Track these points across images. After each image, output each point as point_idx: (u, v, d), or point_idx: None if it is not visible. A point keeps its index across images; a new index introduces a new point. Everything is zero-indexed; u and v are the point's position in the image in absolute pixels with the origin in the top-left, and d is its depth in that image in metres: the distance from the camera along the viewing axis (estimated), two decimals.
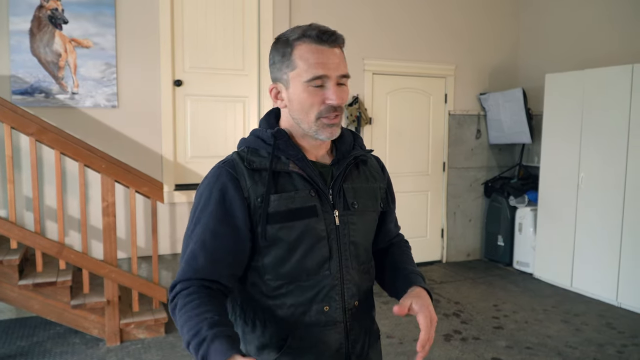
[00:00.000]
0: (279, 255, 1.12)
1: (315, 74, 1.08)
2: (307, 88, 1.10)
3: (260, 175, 1.11)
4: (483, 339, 3.47)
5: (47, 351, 3.23)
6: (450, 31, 5.22)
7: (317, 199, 1.14)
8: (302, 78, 1.10)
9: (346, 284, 1.17)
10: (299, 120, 1.13)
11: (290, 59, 1.11)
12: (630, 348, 3.34)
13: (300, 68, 1.10)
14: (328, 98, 1.10)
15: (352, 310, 1.18)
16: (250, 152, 1.15)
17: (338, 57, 1.11)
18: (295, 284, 1.13)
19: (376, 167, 1.31)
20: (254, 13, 4.39)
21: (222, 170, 1.12)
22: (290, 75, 1.11)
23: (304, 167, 1.13)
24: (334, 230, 1.15)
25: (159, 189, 3.45)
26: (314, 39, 1.09)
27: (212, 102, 4.33)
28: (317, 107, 1.10)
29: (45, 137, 3.16)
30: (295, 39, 1.11)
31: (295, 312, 1.13)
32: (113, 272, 3.30)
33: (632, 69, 3.96)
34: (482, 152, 5.50)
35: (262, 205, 1.10)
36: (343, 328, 1.16)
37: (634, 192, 3.97)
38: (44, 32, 3.73)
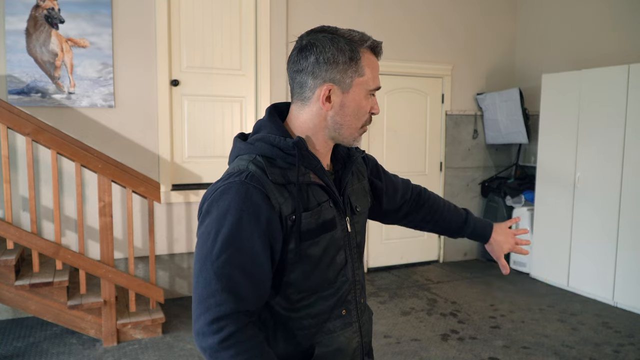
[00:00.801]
0: (306, 270, 1.09)
1: (378, 85, 1.13)
2: (367, 96, 1.11)
3: (285, 189, 1.05)
4: (480, 338, 3.48)
5: (44, 352, 3.22)
6: (447, 31, 5.23)
7: (334, 209, 1.14)
8: (367, 86, 1.10)
9: (357, 285, 1.20)
10: (343, 126, 1.10)
11: (359, 64, 1.08)
12: (627, 347, 3.35)
13: (367, 76, 1.10)
14: (374, 108, 1.14)
15: (361, 307, 1.22)
16: (267, 162, 1.06)
17: None
18: (316, 295, 1.12)
19: (360, 162, 1.33)
20: (251, 13, 4.39)
21: (249, 188, 1.00)
22: (357, 80, 1.09)
23: (322, 177, 1.11)
24: (347, 236, 1.17)
25: (156, 189, 3.44)
26: (372, 50, 1.12)
27: (209, 102, 4.33)
28: (365, 117, 1.13)
29: (42, 137, 3.15)
30: (360, 45, 1.08)
31: (318, 321, 1.13)
32: (110, 272, 3.30)
33: (629, 69, 3.98)
34: (479, 152, 5.51)
35: (294, 222, 1.05)
36: (358, 327, 1.20)
37: (630, 192, 3.98)
38: (40, 31, 3.72)
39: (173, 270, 4.23)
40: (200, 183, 4.32)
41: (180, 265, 4.26)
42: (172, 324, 3.65)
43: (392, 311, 3.98)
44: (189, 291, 4.30)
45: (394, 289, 4.52)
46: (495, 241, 1.45)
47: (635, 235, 3.96)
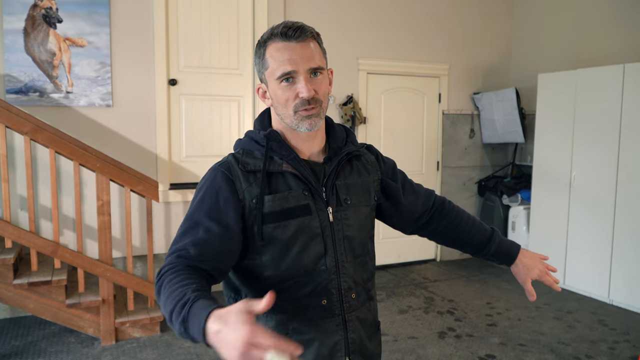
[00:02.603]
0: (276, 254, 1.15)
1: (282, 71, 1.12)
2: (279, 85, 1.14)
3: (255, 177, 1.15)
4: (477, 336, 3.50)
5: (42, 350, 3.23)
6: (444, 31, 5.26)
7: (310, 197, 1.17)
8: (274, 76, 1.14)
9: (342, 278, 1.20)
10: (282, 116, 1.18)
11: (264, 58, 1.16)
12: (622, 344, 3.38)
13: (271, 67, 1.14)
14: (299, 91, 1.13)
15: (349, 302, 1.21)
16: (244, 153, 1.19)
17: (308, 51, 1.13)
18: (293, 280, 1.16)
19: (371, 160, 1.33)
20: (248, 12, 4.40)
21: (217, 172, 1.16)
22: (266, 74, 1.16)
23: (296, 166, 1.17)
24: (328, 226, 1.19)
25: (154, 187, 3.45)
26: (280, 37, 1.13)
27: (207, 101, 4.34)
28: (292, 102, 1.14)
29: (40, 136, 3.16)
30: (266, 39, 1.16)
31: (294, 307, 1.16)
32: (108, 271, 3.31)
33: (624, 68, 4.01)
34: (476, 151, 5.54)
35: (257, 206, 1.13)
36: (341, 320, 1.20)
37: (625, 190, 4.01)
38: (38, 31, 3.73)
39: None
40: (198, 182, 4.32)
41: None
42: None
43: (390, 309, 4.00)
44: None
45: (392, 288, 4.54)
46: (523, 264, 1.39)
47: (630, 233, 3.99)
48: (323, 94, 1.17)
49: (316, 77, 1.15)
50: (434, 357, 3.19)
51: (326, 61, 1.20)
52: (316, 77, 1.15)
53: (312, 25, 1.18)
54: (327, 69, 1.20)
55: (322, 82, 1.16)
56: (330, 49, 5.13)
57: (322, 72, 1.16)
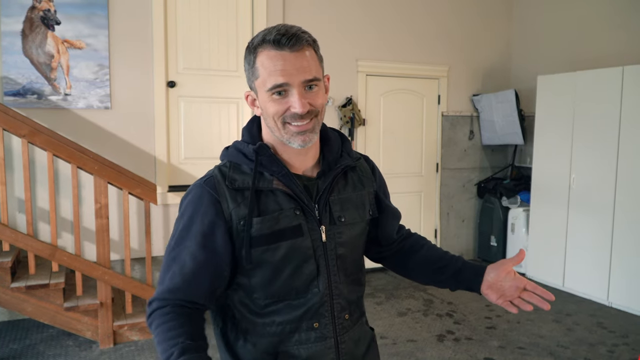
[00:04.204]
0: (266, 277, 1.09)
1: (274, 83, 1.03)
2: (270, 97, 1.05)
3: (242, 196, 1.07)
4: (476, 339, 3.49)
5: (40, 354, 3.22)
6: (443, 33, 5.25)
7: (302, 216, 1.10)
8: (264, 87, 1.05)
9: (335, 299, 1.14)
10: (272, 129, 1.09)
11: (254, 66, 1.06)
12: (621, 347, 3.37)
13: (262, 76, 1.05)
14: (292, 106, 1.04)
15: (342, 324, 1.16)
16: (232, 167, 1.11)
17: (303, 60, 1.04)
18: (284, 302, 1.11)
19: (366, 170, 1.25)
20: (247, 14, 4.40)
21: (203, 192, 1.08)
22: (256, 83, 1.07)
23: (288, 183, 1.09)
24: (320, 246, 1.12)
25: (152, 190, 3.44)
26: (273, 44, 1.03)
27: (206, 103, 4.33)
28: (282, 116, 1.05)
29: (38, 139, 3.15)
30: (257, 45, 1.05)
31: (284, 329, 1.11)
32: (106, 274, 3.30)
33: (623, 71, 4.00)
34: (475, 153, 5.53)
35: (244, 228, 1.06)
36: (333, 342, 1.14)
37: (625, 193, 4.01)
38: (36, 33, 3.72)
39: None
40: None
41: None
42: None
43: (389, 312, 3.99)
44: None
45: (390, 290, 4.54)
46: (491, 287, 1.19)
47: (629, 235, 3.98)
48: (319, 106, 1.08)
49: (311, 90, 1.06)
50: None
51: (322, 69, 1.11)
52: (311, 89, 1.06)
53: (311, 27, 1.11)
54: (323, 78, 1.11)
55: (317, 93, 1.07)
56: (329, 50, 5.10)
57: (317, 83, 1.07)
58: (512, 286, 1.17)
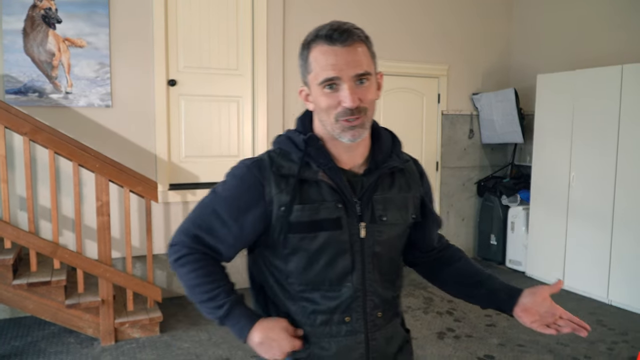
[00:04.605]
0: (301, 264, 1.12)
1: (325, 76, 1.05)
2: (322, 90, 1.07)
3: (286, 182, 1.10)
4: (476, 336, 3.50)
5: (42, 351, 3.23)
6: (443, 32, 5.26)
7: (343, 210, 1.11)
8: (316, 80, 1.07)
9: (368, 296, 1.15)
10: (324, 123, 1.11)
11: (307, 61, 1.09)
12: (621, 345, 3.39)
13: (314, 71, 1.08)
14: (342, 100, 1.06)
15: (374, 321, 1.17)
16: (281, 154, 1.14)
17: (355, 55, 1.05)
18: (318, 292, 1.13)
19: (413, 174, 1.26)
20: (247, 13, 4.41)
21: (249, 172, 1.12)
22: (309, 78, 1.10)
23: (333, 176, 1.11)
24: (357, 242, 1.13)
25: (153, 188, 3.46)
26: (325, 39, 1.06)
27: (206, 101, 4.34)
28: (334, 110, 1.07)
29: (39, 137, 3.16)
30: (310, 41, 1.09)
31: (316, 319, 1.14)
32: (107, 271, 3.31)
33: (622, 69, 4.01)
34: (475, 151, 5.54)
35: (284, 214, 1.09)
36: (364, 338, 1.16)
37: (624, 191, 4.02)
38: (37, 31, 3.73)
39: (170, 269, 4.24)
40: (197, 183, 4.33)
41: None
42: (170, 323, 3.67)
43: None
44: None
45: None
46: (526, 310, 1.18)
47: (629, 233, 4.00)
48: (369, 102, 1.09)
49: (362, 85, 1.07)
50: (433, 357, 3.19)
51: (375, 65, 1.12)
52: (362, 84, 1.07)
53: (310, 27, 1.13)
54: (375, 74, 1.12)
55: (368, 89, 1.08)
56: None
57: (369, 78, 1.08)
58: (549, 312, 1.18)
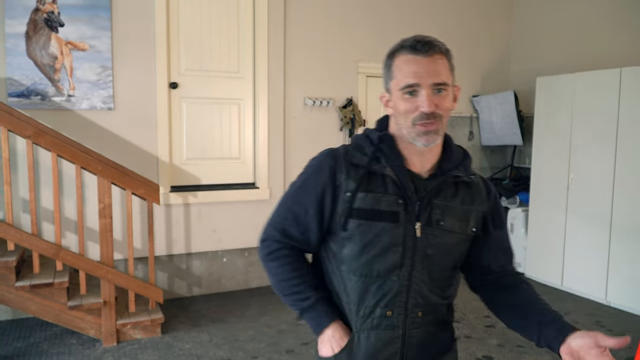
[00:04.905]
0: (355, 250, 1.20)
1: (406, 83, 1.14)
2: (402, 96, 1.16)
3: (356, 171, 1.20)
4: (475, 337, 3.53)
5: (44, 352, 3.25)
6: (443, 34, 5.23)
7: (402, 206, 1.18)
8: (398, 86, 1.16)
9: (412, 294, 1.20)
10: (401, 126, 1.19)
11: (391, 69, 1.18)
12: None
13: (397, 78, 1.16)
14: (420, 105, 1.13)
15: (413, 319, 1.21)
16: (356, 147, 1.24)
17: (435, 65, 1.14)
18: (365, 281, 1.20)
19: (480, 190, 1.28)
20: (249, 16, 4.44)
21: (325, 160, 1.23)
22: (391, 84, 1.19)
23: (399, 174, 1.19)
24: (411, 239, 1.19)
25: (155, 190, 3.48)
26: (409, 49, 1.15)
27: (208, 104, 4.37)
28: (411, 114, 1.15)
29: (42, 140, 3.19)
30: (395, 51, 1.18)
31: (360, 311, 1.22)
32: (110, 273, 3.33)
33: (620, 72, 4.04)
34: (475, 153, 5.57)
35: (349, 199, 1.18)
36: (401, 333, 1.21)
37: (623, 193, 4.05)
38: (39, 34, 3.76)
39: (172, 271, 4.27)
40: (198, 185, 4.36)
41: (179, 266, 4.29)
42: (171, 324, 3.69)
43: None
44: (187, 292, 4.34)
45: None
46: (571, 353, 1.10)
47: (628, 235, 4.02)
48: (445, 109, 1.16)
49: (439, 93, 1.14)
50: None
51: (453, 78, 1.19)
52: (439, 93, 1.14)
53: (312, 29, 1.22)
54: (452, 86, 1.19)
55: (445, 97, 1.15)
56: (329, 52, 5.14)
57: (446, 88, 1.15)
58: None
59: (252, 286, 4.56)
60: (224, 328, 3.66)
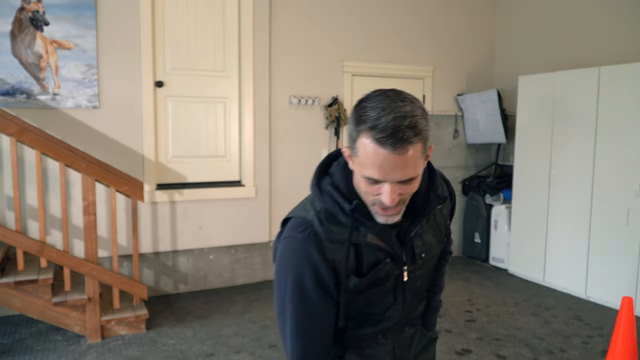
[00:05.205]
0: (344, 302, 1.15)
1: (369, 175, 1.02)
2: (363, 179, 1.05)
3: (342, 246, 1.11)
4: (455, 331, 3.59)
5: (29, 348, 3.28)
6: (428, 34, 5.35)
7: (391, 265, 1.15)
8: (360, 170, 1.04)
9: (405, 324, 1.23)
10: (361, 195, 1.10)
11: (355, 146, 1.03)
12: (595, 339, 3.48)
13: (359, 159, 1.03)
14: (382, 196, 1.04)
15: (403, 335, 1.25)
16: (328, 217, 1.12)
17: (400, 163, 0.99)
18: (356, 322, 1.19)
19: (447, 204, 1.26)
20: (234, 15, 4.48)
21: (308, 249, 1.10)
22: (354, 159, 1.06)
23: (382, 236, 1.12)
24: (400, 283, 1.18)
25: (139, 188, 3.52)
26: (375, 141, 0.98)
27: (194, 103, 4.41)
28: (371, 197, 1.06)
29: (26, 138, 3.22)
30: (362, 129, 1.00)
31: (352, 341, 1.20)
32: (94, 270, 3.37)
33: (599, 71, 4.12)
34: (460, 151, 5.64)
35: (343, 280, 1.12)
36: (391, 349, 1.23)
37: (601, 189, 4.12)
38: (25, 33, 3.78)
39: (158, 268, 4.31)
40: (184, 182, 4.39)
41: (165, 263, 4.33)
42: (156, 321, 3.73)
43: None
44: (174, 289, 4.38)
45: None
46: None
47: (606, 231, 4.10)
48: (411, 192, 1.08)
49: (406, 184, 1.04)
50: None
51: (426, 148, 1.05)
52: (406, 183, 1.04)
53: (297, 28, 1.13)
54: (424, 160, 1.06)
55: (412, 184, 1.05)
56: (315, 51, 5.18)
57: (415, 178, 1.05)
58: None
59: (238, 283, 4.60)
60: (209, 324, 3.71)
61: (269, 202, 4.64)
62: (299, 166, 4.77)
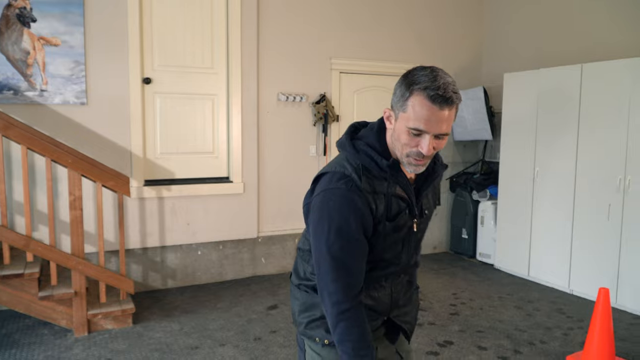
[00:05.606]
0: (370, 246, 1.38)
1: (416, 126, 1.25)
2: (407, 131, 1.27)
3: (379, 195, 1.34)
4: (438, 324, 3.64)
5: (16, 342, 3.30)
6: (416, 32, 5.40)
7: (408, 215, 1.40)
8: (406, 123, 1.27)
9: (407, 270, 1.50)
10: (395, 149, 1.34)
11: (406, 103, 1.26)
12: (576, 331, 3.54)
13: (408, 114, 1.26)
14: (421, 147, 1.27)
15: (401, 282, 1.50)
16: (365, 172, 1.33)
17: (443, 118, 1.24)
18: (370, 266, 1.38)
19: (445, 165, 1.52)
20: (222, 12, 4.51)
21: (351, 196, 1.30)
22: (400, 114, 1.28)
23: (407, 192, 1.38)
24: (410, 234, 1.43)
25: (125, 182, 3.55)
26: (428, 97, 1.22)
27: (182, 99, 4.44)
28: (409, 148, 1.29)
29: (11, 133, 3.24)
30: (415, 87, 1.24)
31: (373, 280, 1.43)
32: (80, 264, 3.39)
33: (582, 68, 4.18)
34: (448, 148, 5.69)
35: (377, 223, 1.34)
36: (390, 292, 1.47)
37: (583, 185, 4.19)
38: (12, 30, 3.80)
39: (146, 263, 4.34)
40: (172, 179, 4.42)
41: (154, 259, 4.36)
42: (143, 315, 3.76)
43: None
44: (162, 284, 4.41)
45: None
46: None
47: (588, 226, 4.16)
48: (439, 149, 1.32)
49: (440, 139, 1.29)
50: None
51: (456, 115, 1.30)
52: (440, 138, 1.29)
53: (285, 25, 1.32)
54: None
55: (443, 141, 1.30)
56: (303, 48, 5.21)
57: (446, 136, 1.30)
58: None
59: (226, 279, 4.64)
60: (195, 318, 3.74)
61: (257, 198, 4.68)
62: (287, 162, 4.81)
